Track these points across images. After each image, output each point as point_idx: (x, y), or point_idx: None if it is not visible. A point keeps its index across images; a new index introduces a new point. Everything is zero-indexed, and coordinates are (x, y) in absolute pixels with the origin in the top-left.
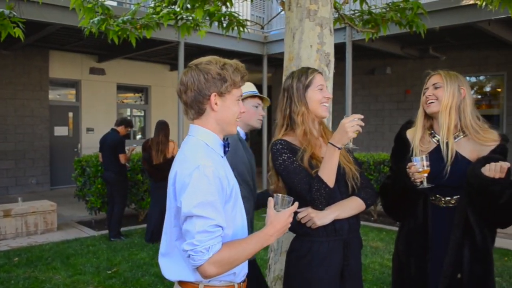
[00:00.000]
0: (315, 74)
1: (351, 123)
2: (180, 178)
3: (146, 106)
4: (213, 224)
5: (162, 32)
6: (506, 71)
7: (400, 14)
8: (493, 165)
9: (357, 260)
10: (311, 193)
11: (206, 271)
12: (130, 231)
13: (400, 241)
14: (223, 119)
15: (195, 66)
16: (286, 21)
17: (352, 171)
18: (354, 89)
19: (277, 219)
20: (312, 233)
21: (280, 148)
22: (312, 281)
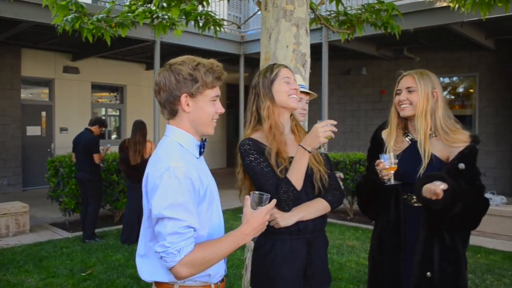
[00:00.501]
0: (281, 68)
1: (324, 128)
2: (151, 180)
3: (122, 105)
4: (184, 226)
5: (137, 31)
6: (478, 72)
7: (375, 15)
8: (428, 187)
9: (322, 258)
10: (278, 195)
11: (179, 272)
12: (105, 232)
13: (374, 240)
14: (196, 120)
15: (168, 66)
16: (263, 21)
17: (321, 172)
18: (330, 89)
19: (253, 217)
20: (275, 231)
21: (247, 149)
22: (275, 278)
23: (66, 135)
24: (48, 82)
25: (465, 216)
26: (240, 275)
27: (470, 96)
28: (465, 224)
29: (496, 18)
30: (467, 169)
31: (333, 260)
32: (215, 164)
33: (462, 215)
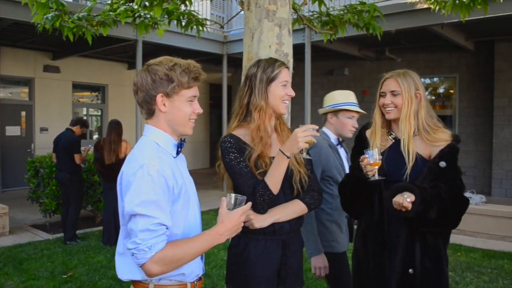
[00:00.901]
0: (282, 68)
1: (304, 134)
2: (125, 177)
3: (103, 105)
4: (156, 223)
5: (119, 30)
6: (458, 73)
7: (358, 16)
8: (396, 201)
9: (297, 259)
10: (254, 197)
11: (149, 269)
12: (86, 233)
13: (358, 238)
14: (173, 120)
15: (146, 67)
16: (245, 21)
17: (301, 173)
18: (313, 90)
19: (228, 218)
20: (249, 231)
21: (228, 147)
22: (249, 278)
23: (47, 135)
24: (28, 81)
25: (442, 220)
26: (223, 275)
27: (451, 97)
28: (444, 226)
29: (475, 20)
30: (447, 167)
31: None
32: (198, 164)
33: (439, 219)
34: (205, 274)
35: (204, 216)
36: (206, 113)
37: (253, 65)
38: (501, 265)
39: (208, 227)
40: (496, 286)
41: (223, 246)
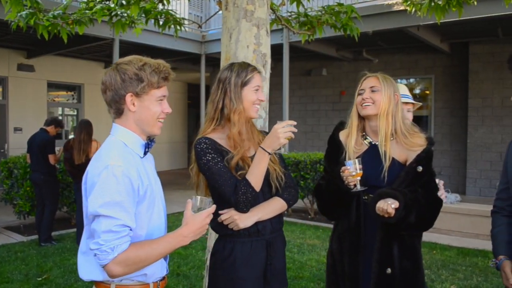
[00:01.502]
0: (255, 73)
1: (283, 129)
2: (90, 178)
3: (79, 105)
4: (119, 224)
5: (95, 28)
6: (433, 74)
7: (335, 17)
8: (379, 207)
9: (280, 259)
10: (237, 196)
11: (112, 270)
12: (62, 235)
13: (334, 240)
14: (141, 120)
15: (115, 65)
16: (223, 21)
17: (277, 171)
18: (291, 90)
19: (193, 220)
20: (234, 233)
21: (204, 148)
22: (236, 281)
23: (21, 135)
24: (1, 80)
25: (420, 223)
26: (201, 275)
27: (426, 98)
28: (420, 229)
29: (450, 22)
30: (424, 171)
31: (294, 259)
32: (176, 164)
33: (417, 223)
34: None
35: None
36: (184, 113)
37: (226, 68)
38: (475, 263)
39: None
40: (470, 283)
41: (201, 247)
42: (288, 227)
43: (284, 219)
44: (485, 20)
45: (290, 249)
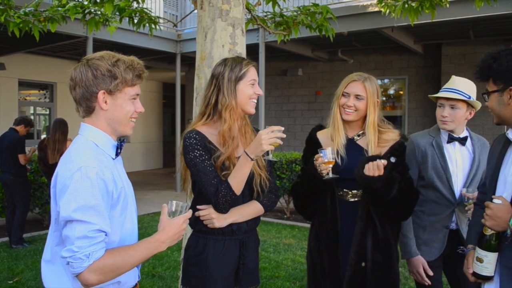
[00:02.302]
0: (250, 67)
1: (268, 136)
2: (60, 180)
3: (52, 104)
4: (95, 229)
5: (68, 26)
6: (407, 75)
7: (311, 18)
8: (370, 164)
9: (253, 258)
10: (217, 197)
11: (87, 279)
12: (34, 237)
13: (312, 238)
14: (114, 119)
15: (86, 61)
16: (198, 20)
17: (262, 177)
18: (267, 90)
19: (170, 225)
20: (208, 231)
21: (193, 143)
22: (206, 279)
23: None
24: None
25: (401, 200)
26: (176, 276)
27: (400, 98)
28: (400, 210)
29: (423, 24)
30: (398, 162)
31: (270, 258)
32: (151, 164)
33: (398, 198)
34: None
35: (157, 217)
36: (159, 112)
37: (220, 63)
38: None
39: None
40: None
41: (176, 248)
42: (264, 226)
43: (260, 219)
44: (457, 22)
45: (266, 249)
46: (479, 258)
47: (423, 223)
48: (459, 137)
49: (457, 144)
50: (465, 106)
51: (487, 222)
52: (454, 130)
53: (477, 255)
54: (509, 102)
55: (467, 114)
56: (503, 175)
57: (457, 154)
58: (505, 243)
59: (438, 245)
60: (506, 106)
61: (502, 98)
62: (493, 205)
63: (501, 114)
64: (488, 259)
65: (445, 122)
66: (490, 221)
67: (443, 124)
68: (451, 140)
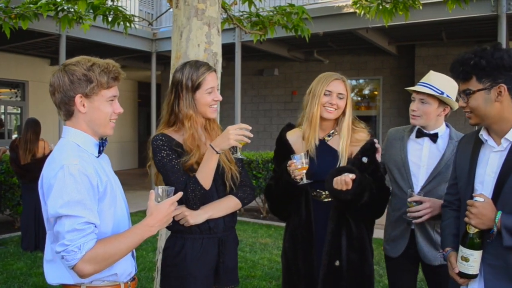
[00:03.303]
0: (207, 74)
1: (236, 131)
2: (46, 181)
3: (23, 103)
4: (83, 222)
5: (41, 24)
6: (382, 75)
7: (287, 18)
8: (338, 179)
9: (232, 257)
10: (186, 193)
11: (81, 270)
12: (4, 239)
13: (287, 239)
14: (93, 121)
15: (63, 67)
16: (174, 19)
17: (232, 170)
18: (243, 89)
19: (157, 209)
20: (185, 230)
21: (160, 145)
22: (186, 278)
23: None
24: None
25: (372, 204)
26: (152, 277)
27: (375, 98)
28: (372, 212)
29: (397, 25)
30: (369, 162)
31: (246, 258)
32: (126, 164)
33: (369, 203)
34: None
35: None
36: (134, 112)
37: (178, 69)
38: None
39: None
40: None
41: (151, 248)
42: (240, 226)
43: (237, 217)
44: (430, 24)
45: (242, 248)
46: (464, 258)
47: (391, 218)
48: (429, 132)
49: (426, 139)
50: (436, 102)
51: (472, 221)
52: (426, 126)
53: (462, 255)
54: (497, 100)
55: (439, 111)
56: (479, 175)
57: (424, 149)
58: (487, 241)
59: (402, 241)
60: (492, 103)
61: (489, 96)
62: (478, 204)
63: (486, 113)
64: (474, 258)
65: (413, 116)
66: (475, 220)
67: (412, 118)
68: (420, 135)
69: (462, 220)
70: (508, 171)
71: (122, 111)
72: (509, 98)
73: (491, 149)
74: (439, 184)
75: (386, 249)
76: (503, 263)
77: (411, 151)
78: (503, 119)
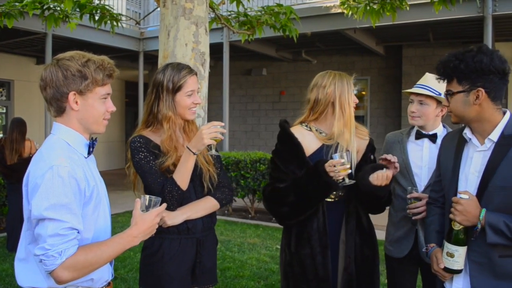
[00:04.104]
0: (188, 77)
1: (209, 130)
2: (32, 179)
3: (9, 102)
4: (67, 227)
5: (26, 22)
6: (369, 75)
7: (275, 18)
8: (380, 174)
9: (211, 257)
10: (163, 194)
11: (60, 276)
12: None
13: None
14: (86, 119)
15: (56, 61)
16: (161, 18)
17: (210, 171)
18: (231, 89)
19: (142, 219)
20: (164, 230)
21: (138, 146)
22: (163, 277)
23: None
24: None
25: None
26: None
27: (363, 98)
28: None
29: (385, 26)
30: (374, 158)
31: (235, 258)
32: (113, 164)
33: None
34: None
35: (120, 218)
36: (121, 111)
37: (160, 71)
38: None
39: (124, 229)
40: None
41: (139, 249)
42: (228, 226)
43: (225, 219)
44: (417, 25)
45: (230, 248)
46: (449, 253)
47: (394, 219)
48: (428, 133)
49: (426, 140)
50: (435, 102)
51: (457, 218)
52: (425, 127)
53: (447, 250)
54: (475, 103)
55: (438, 111)
56: (464, 173)
57: (424, 150)
58: (471, 239)
59: (407, 242)
60: (471, 106)
61: (467, 99)
62: (463, 201)
63: (465, 115)
64: (459, 253)
65: (413, 117)
66: (460, 216)
67: (412, 119)
68: (419, 136)
69: (447, 216)
70: (492, 171)
71: (115, 109)
72: (488, 101)
73: (474, 148)
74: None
75: (390, 250)
76: (487, 260)
77: (411, 152)
78: (484, 120)
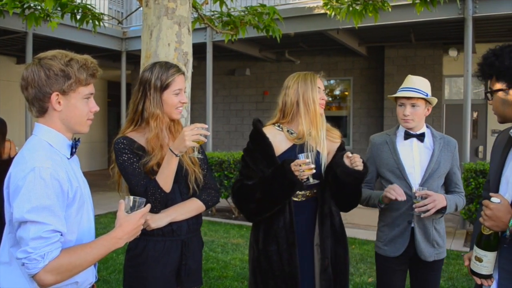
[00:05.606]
0: (176, 76)
1: (191, 132)
2: (13, 181)
3: None
4: (50, 230)
5: (6, 21)
6: (352, 76)
7: (258, 18)
8: (351, 156)
9: (196, 258)
10: (147, 197)
11: (43, 279)
12: None
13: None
14: (69, 119)
15: (38, 60)
16: (144, 18)
17: (196, 173)
18: (215, 89)
19: (127, 221)
20: (148, 232)
21: (121, 148)
22: (147, 279)
23: None
24: None
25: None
26: (122, 280)
27: (346, 98)
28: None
29: (367, 27)
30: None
31: (218, 258)
32: (96, 165)
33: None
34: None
35: (102, 219)
36: (103, 111)
37: (147, 69)
38: None
39: (107, 230)
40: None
41: (122, 250)
42: (212, 226)
43: (208, 219)
44: (399, 26)
45: (214, 249)
46: (478, 258)
47: (387, 219)
48: (416, 133)
49: (415, 140)
50: (424, 103)
51: (486, 223)
52: (414, 127)
53: (475, 255)
54: None
55: (426, 111)
56: (506, 175)
57: (414, 150)
58: (503, 246)
59: (402, 240)
60: (510, 106)
61: (507, 98)
62: (493, 205)
63: (505, 114)
64: (488, 258)
65: (407, 120)
66: (489, 222)
67: (405, 122)
68: (408, 136)
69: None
70: None
71: (98, 109)
72: None
73: None
74: (433, 180)
75: (384, 250)
76: None
77: (402, 153)
78: None
